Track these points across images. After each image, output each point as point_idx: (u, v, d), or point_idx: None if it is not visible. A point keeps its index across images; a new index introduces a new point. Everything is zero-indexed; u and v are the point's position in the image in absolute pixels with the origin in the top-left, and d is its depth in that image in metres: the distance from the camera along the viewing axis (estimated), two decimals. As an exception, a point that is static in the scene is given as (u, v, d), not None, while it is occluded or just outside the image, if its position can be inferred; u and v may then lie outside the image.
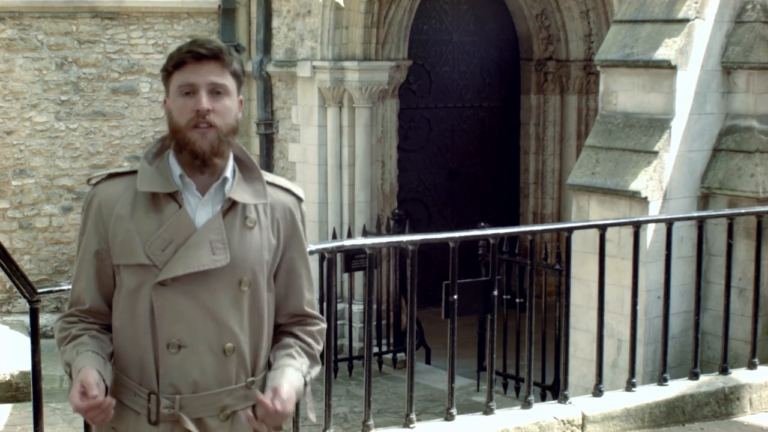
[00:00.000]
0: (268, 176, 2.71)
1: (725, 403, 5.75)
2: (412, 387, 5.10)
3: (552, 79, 12.94)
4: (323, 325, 2.78)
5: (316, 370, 2.71)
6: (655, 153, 7.38)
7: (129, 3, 12.02)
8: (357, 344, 10.42)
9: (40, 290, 4.03)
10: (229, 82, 2.59)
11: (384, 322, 10.69)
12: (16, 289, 4.19)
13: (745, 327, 6.79)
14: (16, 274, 3.97)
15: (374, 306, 6.46)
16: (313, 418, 2.75)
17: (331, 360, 5.07)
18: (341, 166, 11.49)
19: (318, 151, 11.57)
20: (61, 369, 2.68)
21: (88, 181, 2.70)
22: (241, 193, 2.60)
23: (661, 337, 5.95)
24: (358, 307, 10.56)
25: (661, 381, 5.71)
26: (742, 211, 6.49)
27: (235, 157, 2.65)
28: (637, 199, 7.34)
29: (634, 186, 7.36)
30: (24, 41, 11.70)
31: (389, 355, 10.56)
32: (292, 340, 2.70)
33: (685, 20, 7.46)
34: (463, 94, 13.04)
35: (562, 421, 5.25)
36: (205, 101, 2.53)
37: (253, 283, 2.61)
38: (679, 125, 7.45)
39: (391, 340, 10.73)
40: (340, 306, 10.49)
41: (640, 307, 6.25)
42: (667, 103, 7.46)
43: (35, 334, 4.00)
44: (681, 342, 7.37)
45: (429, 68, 12.72)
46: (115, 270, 2.60)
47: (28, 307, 4.02)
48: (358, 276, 10.38)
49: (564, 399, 5.39)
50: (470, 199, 13.10)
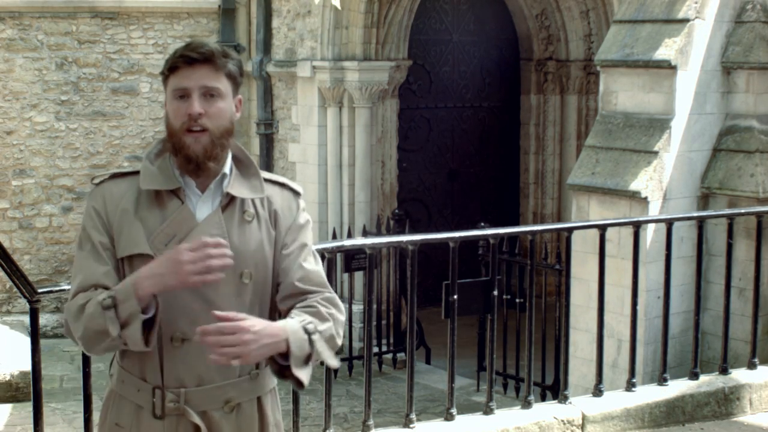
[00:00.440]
0: (265, 174, 2.75)
1: (725, 403, 5.75)
2: (412, 387, 5.10)
3: (552, 79, 12.94)
4: (330, 294, 2.72)
5: (326, 324, 2.64)
6: (655, 153, 7.38)
7: (129, 3, 12.02)
8: (357, 344, 10.42)
9: (40, 290, 4.03)
10: (223, 85, 2.61)
11: (384, 322, 10.69)
12: (16, 289, 4.19)
13: (745, 327, 6.79)
14: (16, 274, 3.97)
15: (374, 306, 6.46)
16: (334, 363, 2.70)
17: (331, 360, 5.06)
18: (341, 166, 11.49)
19: (318, 151, 11.57)
20: (61, 369, 2.68)
21: (92, 180, 2.73)
22: (238, 188, 2.65)
23: (661, 337, 5.95)
24: (358, 307, 10.56)
25: (661, 381, 5.71)
26: (742, 211, 6.49)
27: (233, 156, 2.70)
28: (637, 199, 7.34)
29: (634, 186, 7.36)
30: (24, 41, 11.70)
31: (389, 355, 10.56)
32: (293, 312, 2.64)
33: (685, 20, 7.46)
34: (463, 94, 13.04)
35: (562, 421, 5.25)
36: (197, 105, 2.57)
37: (255, 276, 2.64)
38: (679, 125, 7.45)
39: (391, 340, 10.73)
40: (340, 306, 10.47)
41: (640, 307, 6.25)
42: (667, 103, 7.46)
43: (35, 334, 4.00)
44: (681, 342, 7.37)
45: (429, 68, 12.72)
46: (119, 264, 2.63)
47: (28, 307, 4.03)
48: (358, 276, 10.38)
49: (564, 399, 5.39)
50: (470, 199, 13.10)
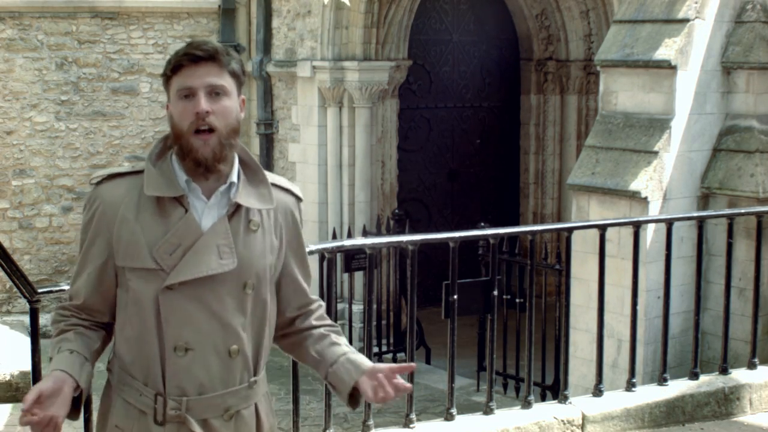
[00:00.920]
0: (270, 176, 2.70)
1: (725, 403, 5.75)
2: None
3: (552, 79, 12.94)
4: (324, 304, 2.91)
5: (353, 349, 2.85)
6: (655, 153, 7.38)
7: (129, 3, 12.02)
8: (357, 344, 10.41)
9: (40, 290, 4.02)
10: (228, 83, 2.57)
11: (384, 322, 10.69)
12: (16, 289, 4.19)
13: (745, 327, 6.79)
14: (16, 274, 3.97)
15: (374, 306, 6.46)
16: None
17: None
18: (341, 166, 11.49)
19: (318, 151, 11.57)
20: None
21: (90, 181, 2.69)
22: (246, 198, 2.61)
23: (661, 337, 5.95)
24: (358, 307, 10.56)
25: (661, 381, 5.71)
26: (742, 211, 6.49)
27: (240, 160, 2.65)
28: (637, 199, 7.34)
29: (634, 186, 7.36)
30: (24, 41, 11.70)
31: (389, 355, 10.55)
32: (321, 330, 2.82)
33: (685, 20, 7.46)
34: (463, 94, 13.04)
35: (562, 421, 5.25)
36: (204, 103, 2.52)
37: (257, 286, 2.63)
38: (679, 125, 7.45)
39: (391, 340, 10.73)
40: (340, 306, 10.48)
41: (640, 307, 6.24)
42: (667, 103, 7.46)
43: (35, 334, 4.00)
44: (681, 342, 7.37)
45: (429, 68, 12.72)
46: (118, 271, 2.61)
47: (28, 307, 4.02)
48: (358, 276, 10.38)
49: (564, 399, 5.38)
50: (470, 199, 13.10)
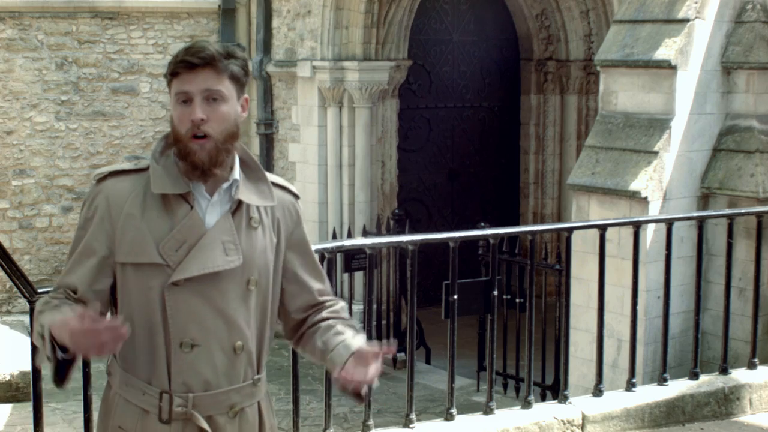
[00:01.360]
0: (268, 175, 2.72)
1: (725, 403, 5.75)
2: (412, 387, 5.10)
3: (552, 79, 12.94)
4: (343, 303, 2.85)
5: (363, 337, 2.77)
6: (655, 153, 7.38)
7: (129, 3, 12.03)
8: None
9: (40, 290, 4.02)
10: (226, 87, 2.57)
11: (384, 322, 10.69)
12: (16, 289, 4.19)
13: (745, 327, 6.79)
14: (16, 274, 3.97)
15: (374, 306, 6.47)
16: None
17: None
18: (341, 166, 11.49)
19: (318, 151, 11.57)
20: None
21: (92, 177, 2.69)
22: (248, 194, 2.63)
23: (661, 337, 5.95)
24: (358, 307, 10.55)
25: (661, 381, 5.71)
26: (742, 211, 6.49)
27: (241, 159, 2.67)
28: (637, 199, 7.34)
29: (634, 186, 7.36)
30: (24, 41, 11.70)
31: (389, 355, 10.54)
32: (329, 322, 2.76)
33: (685, 20, 7.46)
34: (463, 94, 13.04)
35: (562, 421, 5.25)
36: (199, 111, 2.53)
37: (260, 283, 2.64)
38: (679, 125, 7.45)
39: (391, 340, 10.73)
40: (340, 306, 10.47)
41: (640, 307, 6.24)
42: (667, 103, 7.46)
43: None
44: (681, 342, 7.37)
45: (429, 68, 12.73)
46: (117, 269, 2.60)
47: (28, 307, 4.03)
48: (358, 276, 10.37)
49: (564, 399, 5.38)
50: (470, 199, 13.10)
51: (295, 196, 2.77)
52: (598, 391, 5.50)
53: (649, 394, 5.60)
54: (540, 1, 12.89)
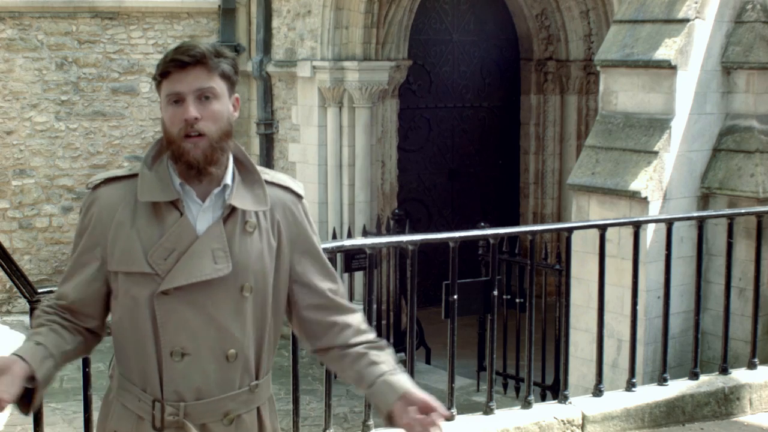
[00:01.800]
0: (268, 174, 2.67)
1: (725, 403, 5.75)
2: (412, 387, 5.09)
3: (552, 79, 12.94)
4: (359, 314, 2.78)
5: (391, 354, 2.73)
6: (655, 153, 7.38)
7: (129, 3, 12.03)
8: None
9: (40, 290, 4.02)
10: (218, 85, 2.55)
11: (384, 322, 10.69)
12: (16, 289, 4.19)
13: (745, 327, 6.79)
14: (16, 274, 3.97)
15: (374, 306, 6.45)
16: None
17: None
18: (341, 166, 11.49)
19: (318, 151, 11.57)
20: (61, 369, 2.67)
21: (87, 185, 2.67)
22: (241, 200, 2.58)
23: (661, 337, 5.95)
24: (358, 307, 10.56)
25: (661, 381, 5.71)
26: (742, 211, 6.49)
27: (235, 159, 2.63)
28: (637, 199, 7.34)
29: (634, 186, 7.36)
30: (24, 41, 11.70)
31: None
32: (359, 349, 2.70)
33: (685, 20, 7.46)
34: (463, 94, 13.04)
35: (562, 421, 5.25)
36: (193, 110, 2.50)
37: (255, 289, 2.59)
38: (679, 125, 7.45)
39: (391, 340, 10.72)
40: (340, 306, 10.47)
41: (640, 307, 6.24)
42: (667, 103, 7.46)
43: (35, 334, 4.00)
44: (681, 342, 7.37)
45: (429, 68, 12.73)
46: (111, 276, 2.58)
47: (28, 307, 4.02)
48: (358, 276, 10.38)
49: (564, 399, 5.38)
50: (470, 199, 13.09)
51: (298, 196, 2.70)
52: (598, 391, 5.50)
53: (649, 394, 5.60)
54: (540, 1, 12.89)
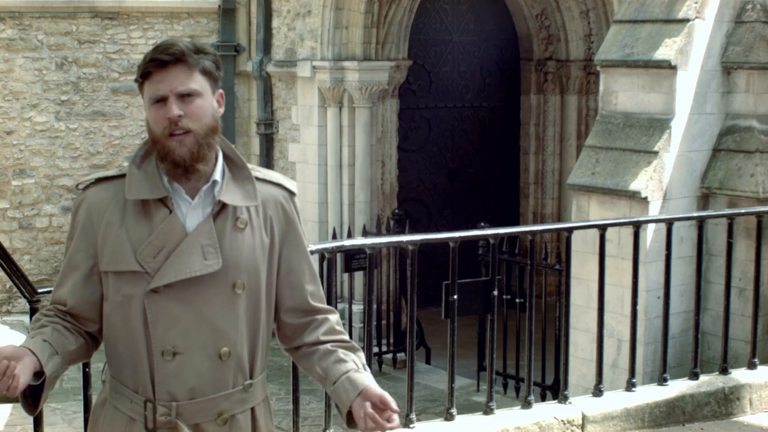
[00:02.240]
0: (260, 171, 2.66)
1: (725, 403, 5.75)
2: (412, 387, 5.10)
3: (552, 79, 12.94)
4: (336, 316, 2.76)
5: (361, 356, 2.72)
6: (655, 153, 7.38)
7: (129, 3, 12.03)
8: (357, 344, 10.41)
9: (40, 290, 4.02)
10: (199, 82, 2.53)
11: (384, 322, 10.69)
12: (16, 289, 4.19)
13: (745, 327, 6.79)
14: (16, 274, 3.96)
15: (374, 306, 6.46)
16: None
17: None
18: (341, 166, 11.49)
19: (318, 151, 11.57)
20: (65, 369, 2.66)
21: (77, 186, 2.66)
22: (231, 196, 2.56)
23: (661, 337, 5.95)
24: (358, 307, 10.56)
25: (661, 381, 5.71)
26: (742, 211, 6.49)
27: (225, 156, 2.61)
28: (637, 199, 7.34)
29: (634, 186, 7.36)
30: (24, 41, 11.70)
31: (389, 355, 10.56)
32: (328, 346, 2.69)
33: (685, 20, 7.46)
34: (463, 94, 13.04)
35: (562, 421, 5.25)
36: (175, 108, 2.49)
37: (248, 286, 2.57)
38: (679, 125, 7.45)
39: (391, 340, 10.73)
40: (340, 306, 10.47)
41: (640, 307, 6.24)
42: (667, 103, 7.46)
43: (35, 334, 3.99)
44: (681, 342, 7.37)
45: (429, 68, 12.73)
46: (102, 277, 2.57)
47: (28, 307, 4.02)
48: (358, 276, 10.38)
49: (564, 399, 5.38)
50: (470, 199, 13.10)
51: (291, 192, 2.68)
52: (598, 391, 5.50)
53: (649, 394, 5.60)
54: (540, 1, 12.89)
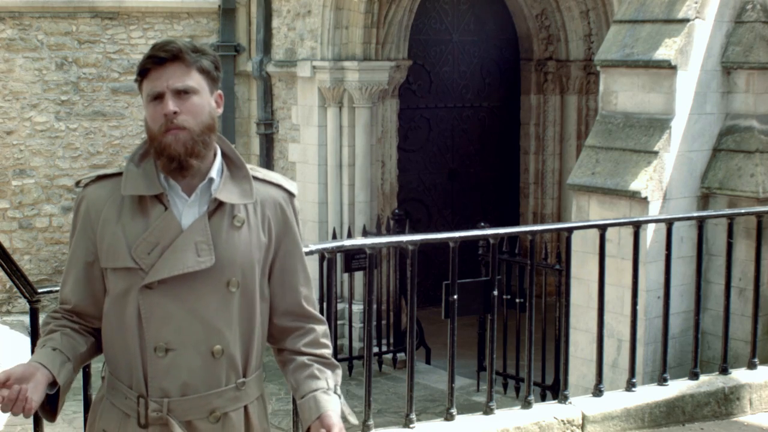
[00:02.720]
0: (260, 172, 2.67)
1: (725, 403, 5.75)
2: (412, 387, 5.10)
3: (552, 79, 12.94)
4: (324, 327, 2.75)
5: (338, 374, 2.71)
6: (655, 153, 7.38)
7: (129, 3, 12.03)
8: (357, 344, 10.42)
9: (40, 290, 4.02)
10: (196, 80, 2.54)
11: (384, 322, 10.69)
12: (16, 289, 4.19)
13: (745, 327, 6.79)
14: (16, 274, 3.97)
15: (374, 306, 6.46)
16: (354, 420, 2.74)
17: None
18: (341, 166, 11.49)
19: (318, 151, 11.57)
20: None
21: (77, 183, 2.68)
22: (227, 194, 2.57)
23: (661, 337, 5.95)
24: (358, 307, 10.56)
25: (661, 381, 5.71)
26: (742, 211, 6.49)
27: (224, 155, 2.62)
28: (637, 199, 7.34)
29: (634, 186, 7.36)
30: (24, 41, 11.70)
31: (389, 355, 10.56)
32: (305, 359, 2.68)
33: (685, 20, 7.46)
34: (463, 94, 13.04)
35: (562, 421, 5.25)
36: (171, 104, 2.51)
37: (243, 284, 2.58)
38: (679, 125, 7.45)
39: (391, 340, 10.73)
40: (340, 306, 10.48)
41: (640, 307, 6.24)
42: (667, 103, 7.46)
43: (35, 334, 4.00)
44: (681, 342, 7.37)
45: (429, 68, 12.73)
46: (103, 273, 2.59)
47: (28, 307, 4.02)
48: (358, 276, 10.38)
49: (564, 399, 5.38)
50: (470, 199, 13.10)
51: (290, 193, 2.69)
52: (598, 391, 5.50)
53: (649, 394, 5.60)
54: (540, 1, 12.89)
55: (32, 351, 3.99)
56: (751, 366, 6.00)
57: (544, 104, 13.04)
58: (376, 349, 10.10)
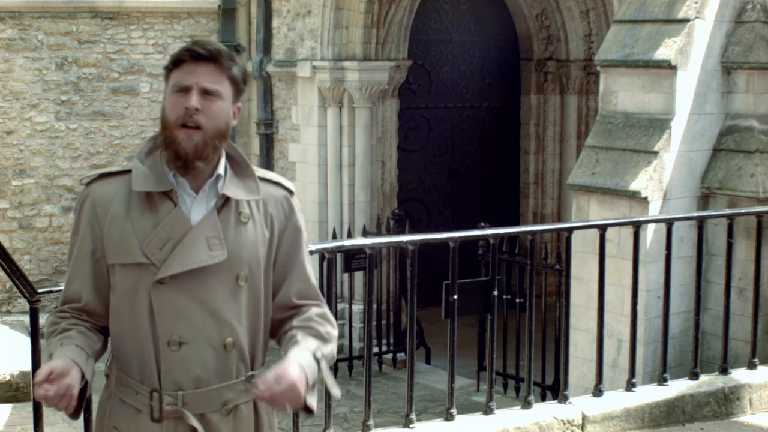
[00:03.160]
0: (259, 171, 2.71)
1: (725, 403, 5.75)
2: (412, 387, 5.10)
3: (552, 79, 12.94)
4: (321, 309, 2.74)
5: (329, 347, 2.67)
6: (655, 153, 7.38)
7: (129, 3, 12.03)
8: (357, 344, 10.42)
9: (40, 290, 4.02)
10: (224, 87, 2.59)
11: (384, 322, 10.69)
12: (16, 289, 4.19)
13: (745, 327, 6.79)
14: (16, 274, 3.97)
15: (374, 306, 6.46)
16: (337, 393, 2.73)
17: (331, 360, 5.06)
18: (341, 166, 11.49)
19: (318, 151, 11.57)
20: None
21: (80, 181, 2.71)
22: (234, 190, 2.62)
23: (661, 337, 5.95)
24: (358, 307, 10.56)
25: (661, 381, 5.71)
26: (742, 211, 6.49)
27: (227, 155, 2.67)
28: (637, 199, 7.34)
29: (634, 186, 7.36)
30: (24, 41, 11.70)
31: (389, 355, 10.56)
32: (294, 331, 2.68)
33: (685, 20, 7.46)
34: (463, 94, 13.04)
35: (562, 421, 5.25)
36: (195, 100, 2.54)
37: (250, 278, 2.62)
38: (679, 125, 7.45)
39: (391, 340, 10.73)
40: (340, 306, 10.49)
41: (640, 307, 6.24)
42: (667, 103, 7.46)
43: (35, 334, 4.00)
44: (681, 342, 7.37)
45: (429, 68, 12.73)
46: (109, 270, 2.61)
47: (28, 307, 4.02)
48: (358, 276, 10.38)
49: (564, 399, 5.39)
50: (470, 199, 13.10)
51: (290, 192, 2.75)
52: (598, 391, 5.50)
53: (649, 394, 5.60)
54: (540, 1, 12.89)
55: (32, 351, 4.01)
56: (751, 366, 6.00)
57: (544, 104, 13.04)
58: (376, 349, 10.10)
